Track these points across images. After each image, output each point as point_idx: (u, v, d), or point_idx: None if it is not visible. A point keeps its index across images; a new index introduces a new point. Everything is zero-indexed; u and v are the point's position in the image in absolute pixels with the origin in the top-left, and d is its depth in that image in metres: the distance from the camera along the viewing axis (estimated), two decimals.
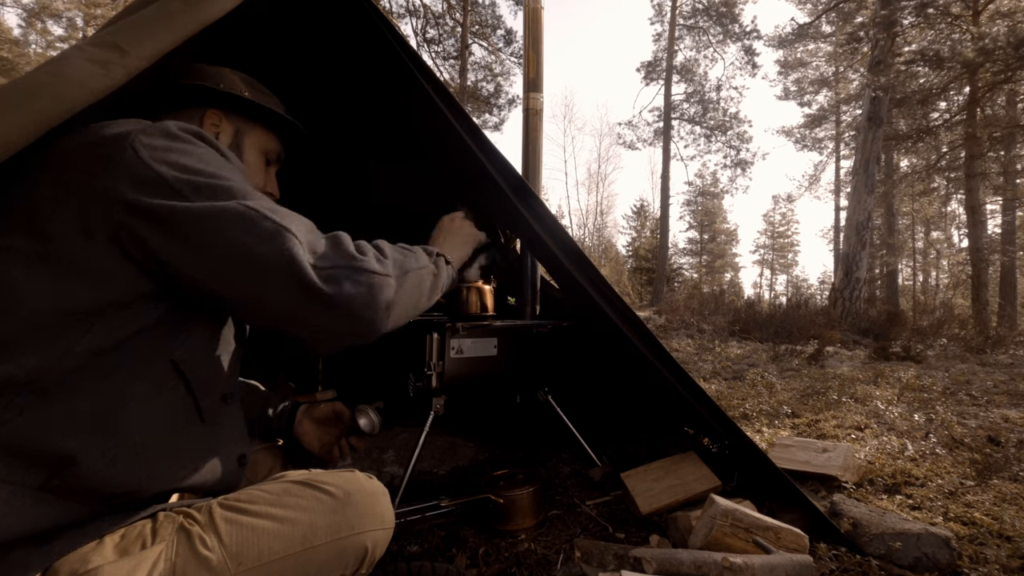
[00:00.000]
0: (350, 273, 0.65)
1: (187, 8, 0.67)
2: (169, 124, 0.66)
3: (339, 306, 0.63)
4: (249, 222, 0.61)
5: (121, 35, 0.60)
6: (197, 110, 0.86)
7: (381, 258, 0.71)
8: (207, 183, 0.63)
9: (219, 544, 0.63)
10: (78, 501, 0.59)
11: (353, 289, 0.64)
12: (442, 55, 16.13)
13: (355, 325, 0.66)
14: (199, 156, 0.66)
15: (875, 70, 9.28)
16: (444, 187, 2.11)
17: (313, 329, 0.67)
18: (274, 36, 1.31)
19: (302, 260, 0.61)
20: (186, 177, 0.62)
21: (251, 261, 0.61)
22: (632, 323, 1.42)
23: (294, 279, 0.61)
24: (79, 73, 0.55)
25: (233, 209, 0.61)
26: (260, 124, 0.94)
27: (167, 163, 0.62)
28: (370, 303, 0.66)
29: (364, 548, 0.73)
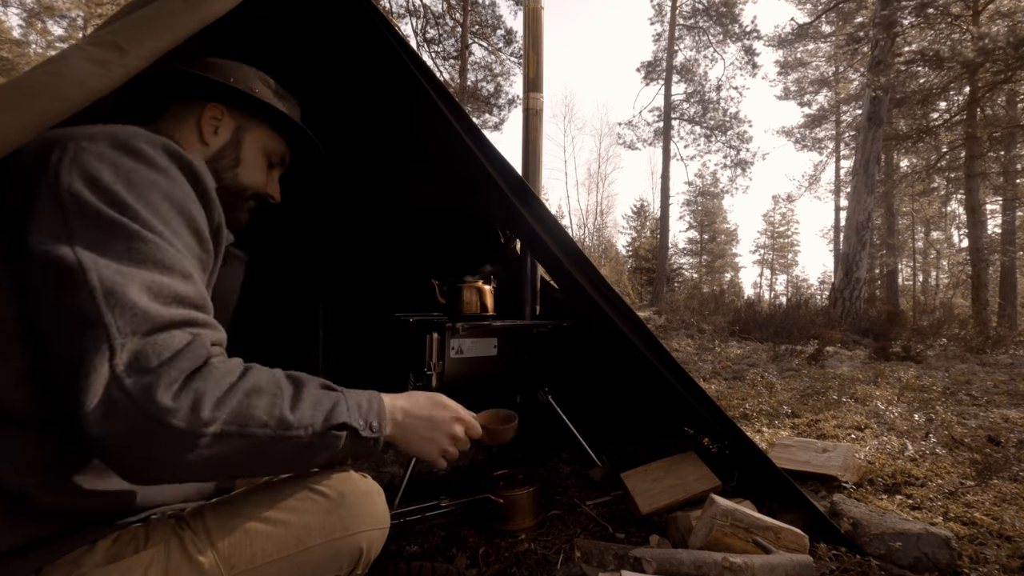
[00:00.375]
0: (134, 413, 0.47)
1: (187, 7, 0.67)
2: (131, 135, 0.57)
3: (103, 445, 0.48)
4: (75, 294, 0.49)
5: (121, 34, 0.60)
6: (199, 102, 0.83)
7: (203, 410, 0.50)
8: (103, 213, 0.52)
9: (211, 547, 0.62)
10: (53, 521, 0.56)
11: (129, 434, 0.48)
12: (442, 55, 16.13)
13: (113, 462, 0.51)
14: (130, 175, 0.55)
15: (875, 70, 9.28)
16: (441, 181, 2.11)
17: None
18: (274, 36, 1.31)
19: (93, 371, 0.47)
20: (87, 198, 0.52)
21: (50, 341, 0.51)
22: (632, 323, 1.42)
23: (74, 391, 0.48)
24: (78, 72, 0.55)
25: (69, 271, 0.49)
26: (266, 124, 0.90)
27: (81, 177, 0.53)
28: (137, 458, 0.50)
29: (359, 548, 0.73)
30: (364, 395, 0.68)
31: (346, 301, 2.70)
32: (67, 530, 0.57)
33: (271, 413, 0.55)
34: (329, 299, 2.64)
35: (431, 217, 2.44)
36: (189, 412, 0.50)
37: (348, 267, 2.69)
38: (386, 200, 2.41)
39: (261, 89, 0.89)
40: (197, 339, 0.54)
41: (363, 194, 2.38)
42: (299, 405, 0.58)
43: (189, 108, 0.82)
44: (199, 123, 0.82)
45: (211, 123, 0.83)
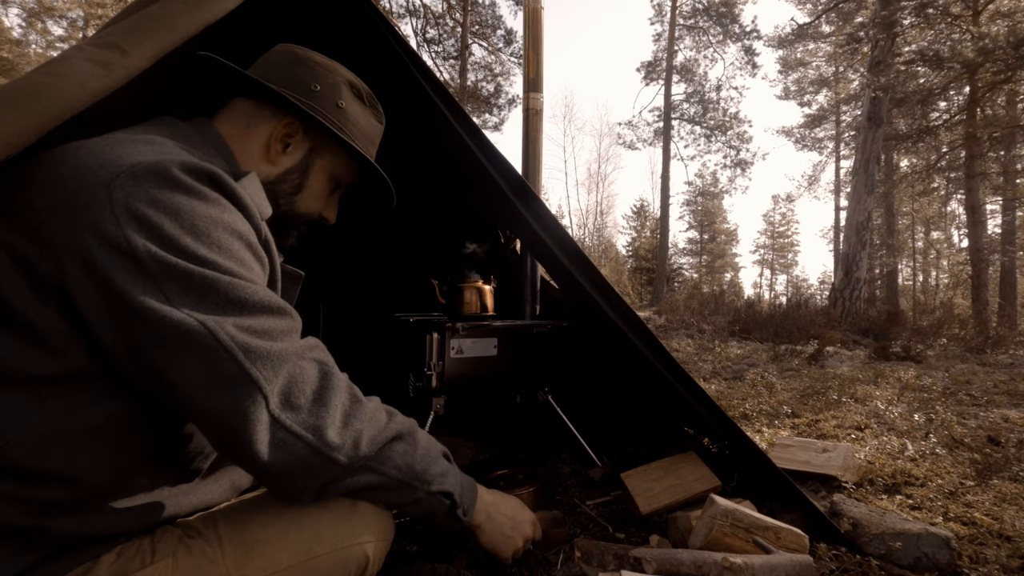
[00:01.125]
0: (305, 452, 0.55)
1: (188, 9, 0.67)
2: (172, 166, 0.54)
3: (270, 475, 0.55)
4: (209, 357, 0.51)
5: (122, 35, 0.60)
6: (275, 111, 0.74)
7: (360, 442, 0.60)
8: (187, 270, 0.52)
9: (223, 557, 0.62)
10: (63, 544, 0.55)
11: (295, 465, 0.55)
12: (442, 55, 16.14)
13: (275, 488, 0.59)
14: (193, 220, 0.53)
15: (875, 70, 9.29)
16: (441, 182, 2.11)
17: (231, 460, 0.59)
18: (274, 36, 1.31)
19: (257, 418, 0.52)
20: (163, 255, 0.51)
21: (200, 400, 0.52)
22: (632, 323, 1.42)
23: (236, 439, 0.52)
24: (80, 73, 0.54)
25: (196, 334, 0.50)
26: (345, 148, 0.81)
27: (144, 226, 0.51)
28: (308, 483, 0.57)
29: (366, 557, 0.72)
30: (465, 479, 0.76)
31: (346, 301, 2.71)
32: (73, 549, 0.56)
33: (404, 460, 0.65)
34: (329, 299, 2.65)
35: (431, 217, 2.44)
36: (352, 449, 0.58)
37: (348, 267, 2.69)
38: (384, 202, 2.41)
39: (348, 101, 0.79)
40: (325, 367, 0.60)
41: (363, 194, 2.38)
42: (425, 461, 0.68)
43: (262, 115, 0.74)
44: (269, 137, 0.74)
45: (283, 140, 0.76)
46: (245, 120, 0.74)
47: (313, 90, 0.75)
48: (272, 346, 0.55)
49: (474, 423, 2.16)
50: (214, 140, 0.69)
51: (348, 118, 0.79)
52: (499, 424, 2.16)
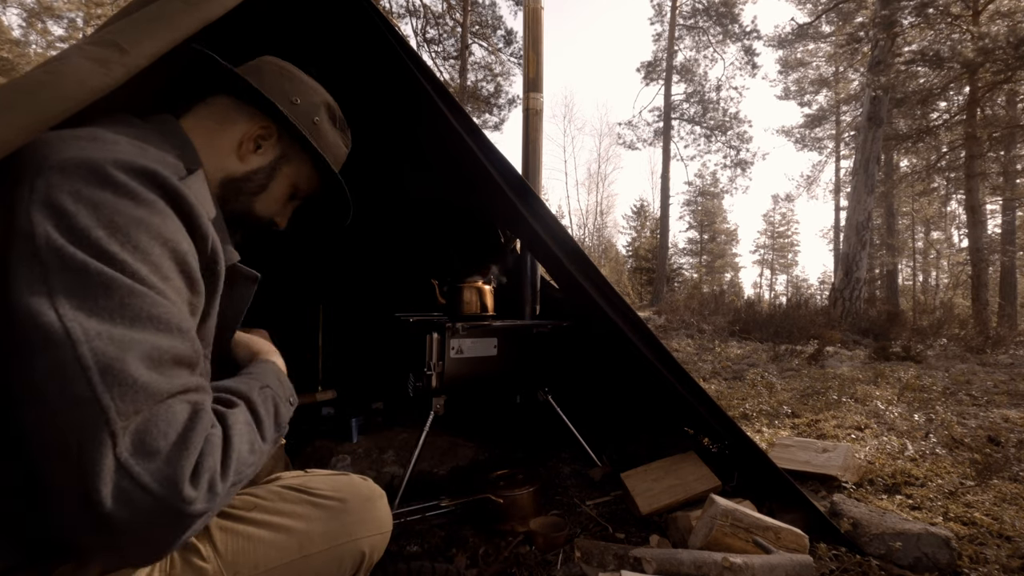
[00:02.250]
0: (155, 508, 0.44)
1: (188, 7, 0.67)
2: (106, 163, 0.50)
3: (113, 533, 0.44)
4: (63, 372, 0.43)
5: (121, 34, 0.59)
6: (252, 113, 0.75)
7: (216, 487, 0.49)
8: (86, 265, 0.45)
9: (214, 554, 0.62)
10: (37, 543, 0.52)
11: (144, 524, 0.44)
12: (442, 55, 16.13)
13: (115, 557, 0.48)
14: (112, 217, 0.48)
15: (875, 70, 9.29)
16: (441, 181, 2.11)
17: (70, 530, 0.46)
18: (274, 36, 1.31)
19: (99, 459, 0.43)
20: (62, 244, 0.45)
21: (39, 413, 0.44)
22: (632, 323, 1.42)
23: (80, 472, 0.42)
24: (79, 72, 0.54)
25: (53, 338, 0.43)
26: (312, 161, 0.82)
27: (55, 215, 0.46)
28: (160, 541, 0.47)
29: (361, 553, 0.73)
30: (277, 374, 0.68)
31: (346, 301, 2.71)
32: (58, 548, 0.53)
33: (253, 452, 0.56)
34: (329, 299, 2.65)
35: (431, 217, 2.44)
36: (207, 495, 0.48)
37: (348, 267, 2.69)
38: (386, 200, 2.41)
39: (323, 120, 0.80)
40: (198, 411, 0.50)
41: (363, 194, 2.38)
42: (265, 432, 0.59)
43: (240, 114, 0.74)
44: (243, 135, 0.75)
45: (255, 140, 0.76)
46: (220, 115, 0.73)
47: (293, 102, 0.77)
48: (148, 380, 0.46)
49: (474, 423, 2.16)
50: (171, 133, 0.67)
51: (321, 135, 0.81)
52: (499, 424, 2.16)
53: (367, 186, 2.32)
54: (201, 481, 0.47)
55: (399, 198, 2.39)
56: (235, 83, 0.73)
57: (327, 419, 2.28)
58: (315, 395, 1.93)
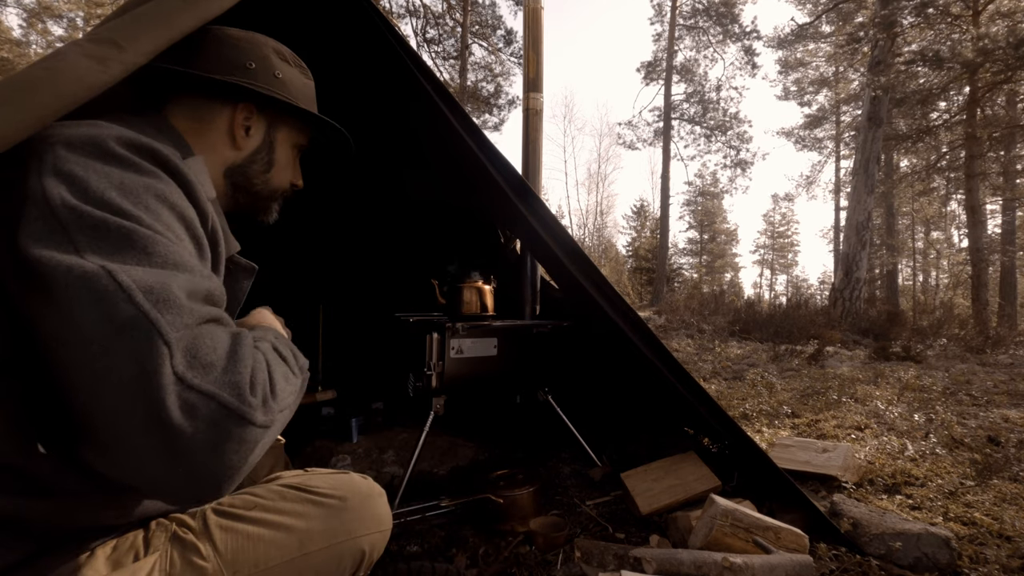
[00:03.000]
0: (222, 416, 0.45)
1: (186, 5, 0.67)
2: (110, 139, 0.52)
3: (183, 452, 0.44)
4: (104, 300, 0.43)
5: (119, 32, 0.59)
6: (226, 101, 0.74)
7: (270, 401, 0.50)
8: (105, 220, 0.46)
9: (214, 553, 0.62)
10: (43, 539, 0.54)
11: (212, 437, 0.44)
12: (442, 55, 16.13)
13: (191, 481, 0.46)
14: (122, 181, 0.50)
15: (875, 70, 9.29)
16: (440, 181, 2.11)
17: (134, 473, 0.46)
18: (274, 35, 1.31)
19: (159, 369, 0.43)
20: (82, 208, 0.46)
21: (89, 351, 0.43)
22: (633, 323, 1.42)
23: (136, 394, 0.42)
24: (76, 69, 0.54)
25: (93, 277, 0.44)
26: (296, 118, 0.83)
27: (68, 187, 0.47)
28: (227, 460, 0.46)
29: (361, 551, 0.73)
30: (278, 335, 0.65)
31: (346, 301, 2.70)
32: (67, 542, 0.56)
33: (288, 383, 0.55)
34: (329, 299, 2.64)
35: (431, 217, 2.44)
36: (263, 408, 0.49)
37: (348, 267, 2.69)
38: (386, 200, 2.41)
39: (282, 68, 0.80)
40: (240, 332, 0.52)
41: (363, 194, 2.38)
42: (291, 367, 0.58)
43: (212, 106, 0.74)
44: (230, 126, 0.75)
45: (243, 125, 0.76)
46: (197, 114, 0.73)
47: (249, 67, 0.75)
48: (186, 300, 0.47)
49: (474, 423, 2.16)
50: (165, 128, 0.68)
51: (287, 85, 0.80)
52: (499, 424, 2.16)
53: (367, 186, 2.32)
54: (257, 392, 0.48)
55: (399, 198, 2.39)
56: (196, 84, 0.72)
57: (327, 419, 2.28)
58: (315, 395, 1.93)
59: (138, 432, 0.43)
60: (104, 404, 0.43)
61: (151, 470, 0.45)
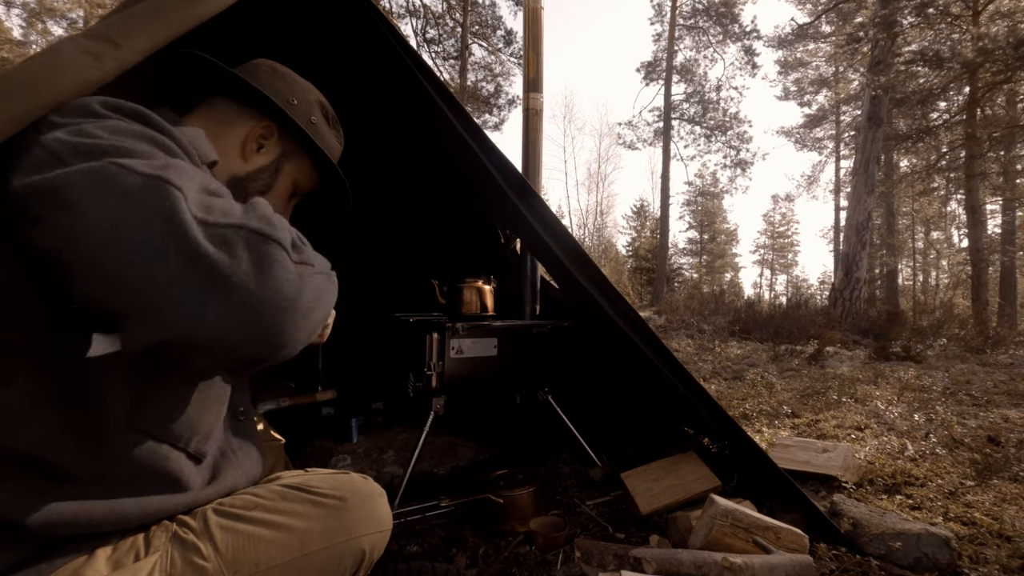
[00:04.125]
0: (254, 239, 0.45)
1: (183, 4, 0.67)
2: (93, 101, 0.53)
3: (233, 282, 0.43)
4: (113, 179, 0.44)
5: (115, 29, 0.59)
6: (254, 114, 0.77)
7: (299, 244, 0.52)
8: (92, 143, 0.47)
9: (215, 553, 0.62)
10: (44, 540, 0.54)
11: (258, 263, 0.45)
12: (442, 55, 16.13)
13: (253, 322, 0.46)
14: (103, 126, 0.51)
15: (875, 70, 9.29)
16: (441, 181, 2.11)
17: (194, 326, 0.45)
18: (273, 35, 1.31)
19: (178, 210, 0.44)
20: (72, 140, 0.48)
21: (116, 227, 0.43)
22: (633, 323, 1.42)
23: (171, 237, 0.43)
24: (72, 64, 0.54)
25: (96, 169, 0.45)
26: (310, 157, 0.85)
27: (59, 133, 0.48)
28: (279, 288, 0.46)
29: (362, 551, 0.72)
30: None
31: (346, 301, 2.70)
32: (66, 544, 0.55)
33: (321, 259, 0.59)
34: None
35: (431, 217, 2.44)
36: (292, 243, 0.51)
37: (348, 267, 2.68)
38: (386, 200, 2.41)
39: (319, 119, 0.83)
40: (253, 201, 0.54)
41: (363, 194, 2.38)
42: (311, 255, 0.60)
43: (241, 115, 0.76)
44: (246, 137, 0.77)
45: (258, 140, 0.78)
46: (222, 117, 0.76)
47: (291, 103, 0.79)
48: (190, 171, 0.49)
49: (474, 423, 2.16)
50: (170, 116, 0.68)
51: (319, 133, 0.84)
52: (499, 424, 2.16)
53: (367, 186, 2.32)
54: (284, 233, 0.50)
55: (399, 198, 2.39)
56: (235, 85, 0.75)
57: (327, 419, 2.28)
58: (315, 395, 1.93)
59: (183, 282, 0.43)
60: (140, 272, 0.43)
61: (215, 323, 0.45)
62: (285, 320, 0.48)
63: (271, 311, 0.47)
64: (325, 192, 0.96)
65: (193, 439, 0.65)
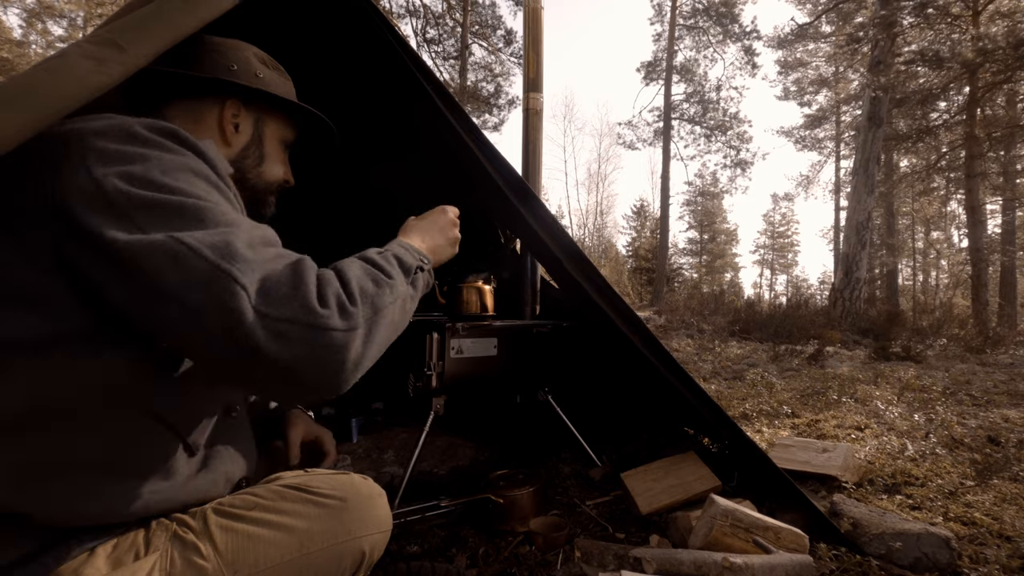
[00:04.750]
0: (305, 333, 0.52)
1: (186, 7, 0.67)
2: (135, 124, 0.58)
3: (290, 369, 0.52)
4: (179, 262, 0.50)
5: (120, 33, 0.59)
6: (215, 100, 0.79)
7: (347, 306, 0.57)
8: (157, 199, 0.53)
9: (214, 552, 0.62)
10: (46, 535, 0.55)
11: (307, 352, 0.52)
12: (442, 55, 16.13)
13: (311, 387, 0.55)
14: (159, 164, 0.56)
15: (875, 70, 9.29)
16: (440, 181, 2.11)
17: (264, 386, 0.58)
18: (274, 36, 1.31)
19: (242, 311, 0.50)
20: (134, 192, 0.52)
21: (183, 308, 0.50)
22: (633, 323, 1.42)
23: (231, 335, 0.50)
24: (77, 70, 0.54)
25: (162, 245, 0.50)
26: (280, 112, 0.88)
27: (115, 175, 0.53)
28: (328, 366, 0.54)
29: (361, 552, 0.73)
30: (399, 246, 0.79)
31: None
32: (67, 538, 0.56)
33: (379, 285, 0.64)
34: None
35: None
36: (339, 311, 0.55)
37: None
38: (386, 200, 2.41)
39: (262, 70, 0.85)
40: (301, 259, 0.58)
41: (363, 194, 2.38)
42: (389, 270, 0.68)
43: (204, 106, 0.78)
44: (220, 124, 0.79)
45: (231, 122, 0.80)
46: (191, 116, 0.78)
47: (232, 69, 0.81)
48: (248, 251, 0.54)
49: (474, 423, 2.16)
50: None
51: (268, 83, 0.86)
52: (499, 424, 2.16)
53: (367, 186, 2.32)
54: (329, 300, 0.55)
55: (399, 198, 2.39)
56: (183, 84, 0.78)
57: (327, 419, 2.28)
58: None
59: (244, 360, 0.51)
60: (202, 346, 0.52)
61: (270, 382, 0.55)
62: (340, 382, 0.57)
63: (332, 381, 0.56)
64: (308, 131, 0.99)
65: (192, 431, 0.67)
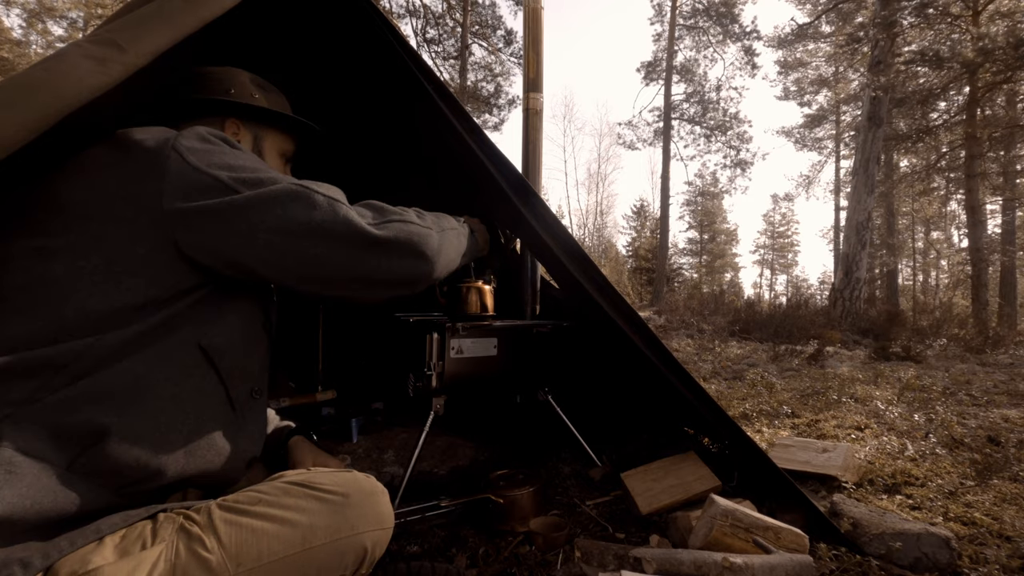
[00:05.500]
0: (399, 224, 0.78)
1: (187, 6, 0.67)
2: (200, 129, 0.74)
3: (398, 246, 0.76)
4: (305, 198, 0.70)
5: (120, 32, 0.60)
6: (215, 120, 0.89)
7: (420, 215, 0.85)
8: (254, 177, 0.71)
9: (219, 545, 0.63)
10: (99, 484, 0.62)
11: (405, 234, 0.77)
12: (442, 55, 16.13)
13: (411, 265, 0.79)
14: (236, 156, 0.73)
15: (875, 70, 9.29)
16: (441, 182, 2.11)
17: (371, 277, 0.76)
18: (274, 36, 1.31)
19: (358, 219, 0.73)
20: (236, 175, 0.70)
21: (314, 231, 0.70)
22: (634, 323, 1.42)
23: (356, 235, 0.72)
24: (77, 70, 0.55)
25: (287, 190, 0.70)
26: (276, 128, 0.98)
27: (216, 165, 0.69)
28: (421, 244, 0.79)
29: (364, 548, 0.73)
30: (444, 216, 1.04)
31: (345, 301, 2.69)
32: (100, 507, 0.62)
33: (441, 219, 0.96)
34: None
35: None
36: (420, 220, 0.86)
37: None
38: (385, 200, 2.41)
39: (257, 91, 0.94)
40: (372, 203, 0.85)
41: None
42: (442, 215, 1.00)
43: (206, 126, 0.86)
44: None
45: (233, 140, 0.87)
46: None
47: (230, 92, 0.90)
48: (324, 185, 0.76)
49: (474, 423, 2.16)
50: None
51: (262, 102, 0.96)
52: (499, 424, 2.16)
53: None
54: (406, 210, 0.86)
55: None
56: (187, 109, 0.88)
57: (327, 419, 2.28)
58: (315, 395, 1.93)
59: (364, 253, 0.75)
60: (335, 250, 0.73)
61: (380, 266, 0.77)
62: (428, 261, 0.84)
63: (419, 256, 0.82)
64: (303, 141, 1.09)
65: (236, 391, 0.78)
